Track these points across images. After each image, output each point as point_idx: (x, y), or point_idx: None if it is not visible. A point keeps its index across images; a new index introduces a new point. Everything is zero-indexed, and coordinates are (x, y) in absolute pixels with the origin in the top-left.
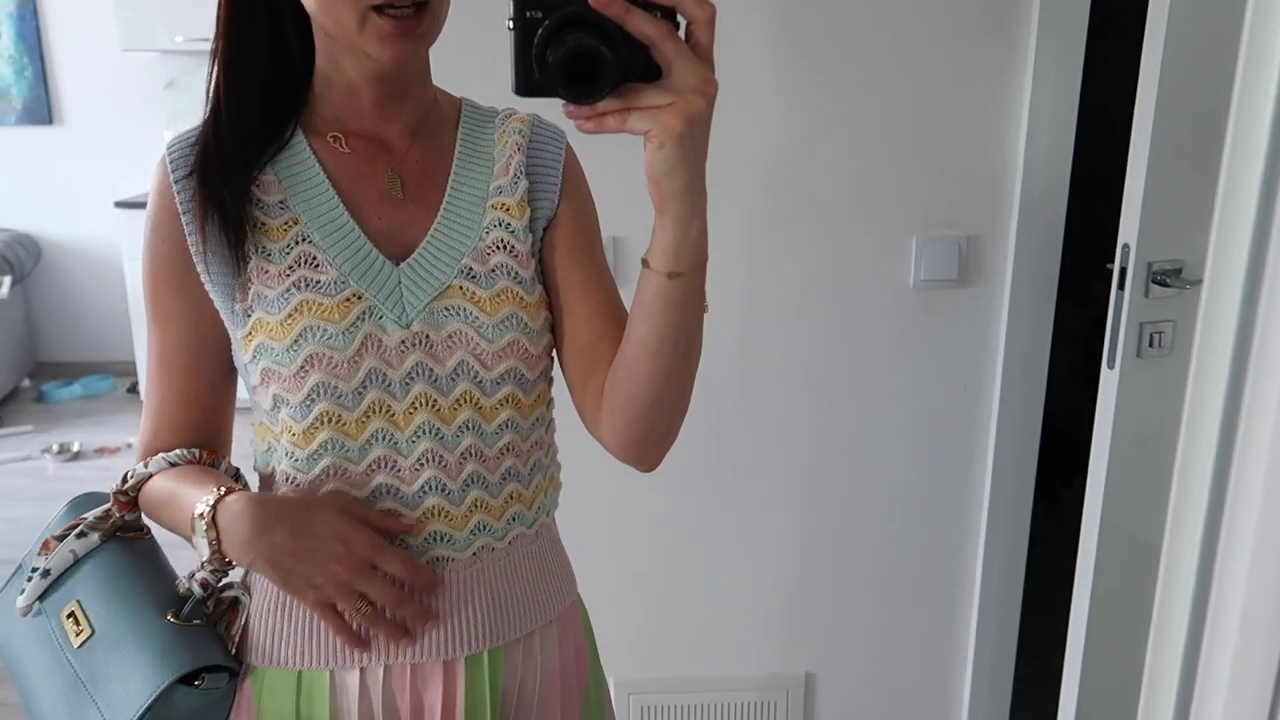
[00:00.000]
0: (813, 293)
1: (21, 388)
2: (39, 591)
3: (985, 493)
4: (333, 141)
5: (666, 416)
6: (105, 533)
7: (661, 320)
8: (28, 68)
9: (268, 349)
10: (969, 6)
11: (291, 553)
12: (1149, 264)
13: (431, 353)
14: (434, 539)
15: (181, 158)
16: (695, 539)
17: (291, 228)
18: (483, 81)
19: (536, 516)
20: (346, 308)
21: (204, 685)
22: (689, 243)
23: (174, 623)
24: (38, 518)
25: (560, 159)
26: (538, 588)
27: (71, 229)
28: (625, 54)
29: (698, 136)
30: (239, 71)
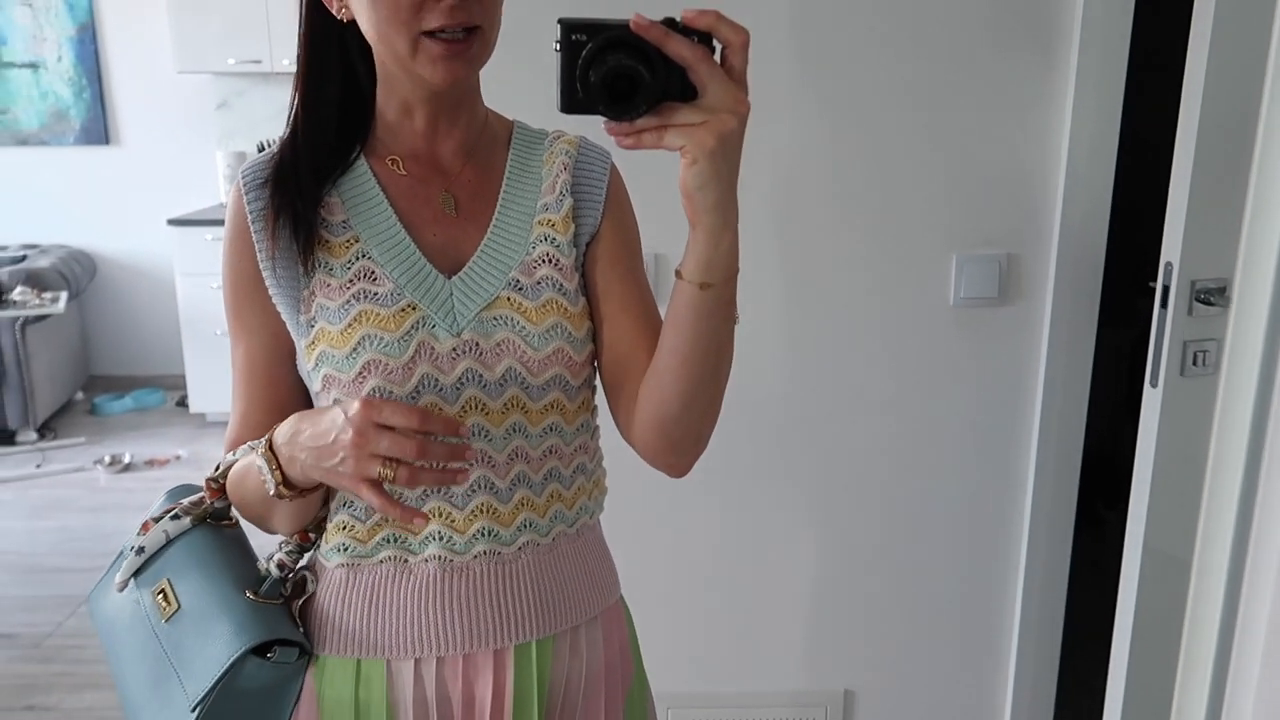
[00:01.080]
0: (854, 309)
1: (75, 400)
2: (134, 568)
3: (1026, 513)
4: (391, 164)
5: (697, 423)
6: (196, 517)
7: (694, 329)
8: (86, 89)
9: (329, 356)
10: (1011, 27)
11: (313, 445)
12: (1192, 282)
13: (481, 359)
14: (482, 534)
15: (254, 178)
16: (736, 554)
17: (353, 245)
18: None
19: (578, 516)
20: (401, 317)
21: (275, 658)
22: (720, 255)
23: (252, 599)
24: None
25: (605, 178)
26: (581, 583)
27: (126, 246)
28: (663, 75)
29: (730, 153)
30: (315, 98)
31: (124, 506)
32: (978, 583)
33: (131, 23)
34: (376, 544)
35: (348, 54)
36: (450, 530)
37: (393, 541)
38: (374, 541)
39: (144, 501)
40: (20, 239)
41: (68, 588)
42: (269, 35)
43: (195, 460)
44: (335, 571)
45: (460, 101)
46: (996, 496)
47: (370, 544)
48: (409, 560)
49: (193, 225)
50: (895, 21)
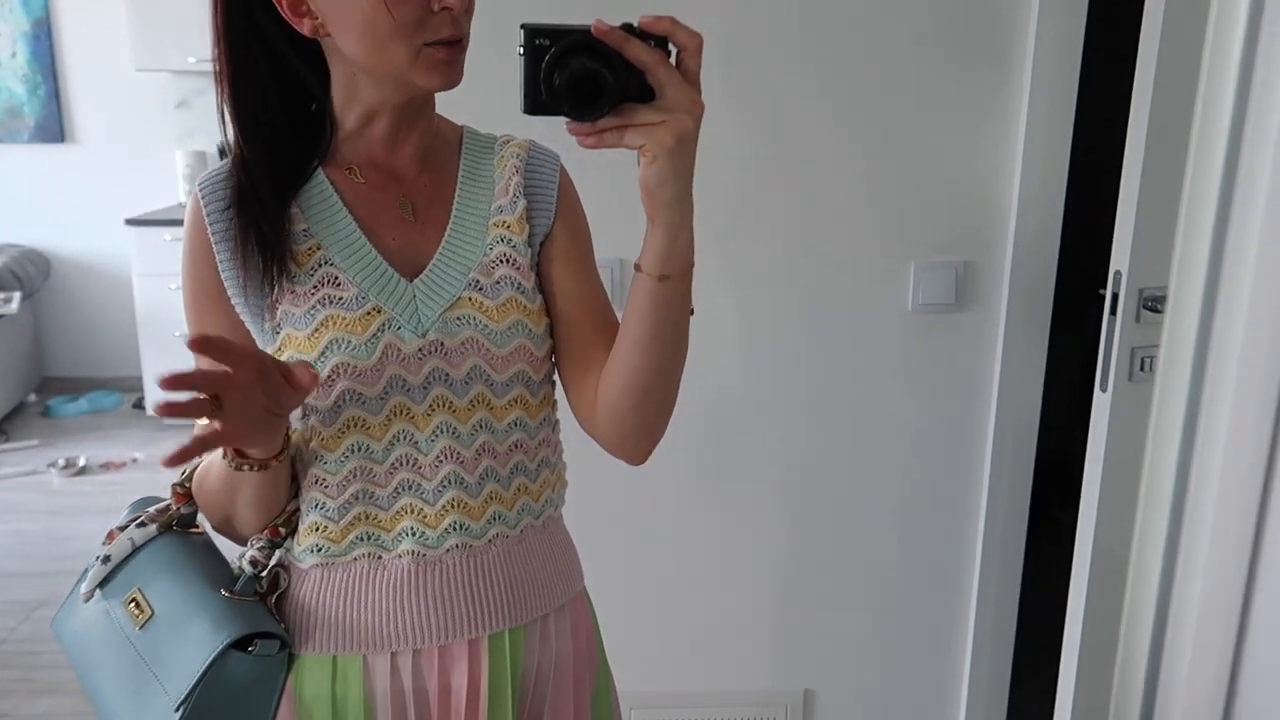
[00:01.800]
0: (815, 315)
1: (28, 402)
2: (100, 578)
3: (981, 515)
4: (349, 173)
5: (655, 411)
6: (162, 525)
7: (653, 320)
8: (41, 86)
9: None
10: (966, 40)
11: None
12: (1140, 290)
13: (447, 359)
14: (454, 528)
15: (213, 193)
16: (696, 555)
17: (315, 252)
18: (490, 106)
19: (543, 509)
20: (367, 320)
21: (257, 651)
22: (678, 248)
23: (228, 597)
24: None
25: (555, 179)
26: (549, 573)
27: (82, 245)
28: (623, 77)
29: (686, 151)
30: (253, 117)
31: (79, 510)
32: (934, 583)
33: (89, 19)
34: (350, 542)
35: (287, 70)
36: (423, 525)
37: (367, 539)
38: (348, 540)
39: (100, 505)
40: None
41: (21, 593)
42: None
43: (152, 463)
44: (310, 572)
45: (421, 109)
46: (953, 499)
47: (344, 543)
48: (383, 556)
49: (151, 225)
50: (855, 32)
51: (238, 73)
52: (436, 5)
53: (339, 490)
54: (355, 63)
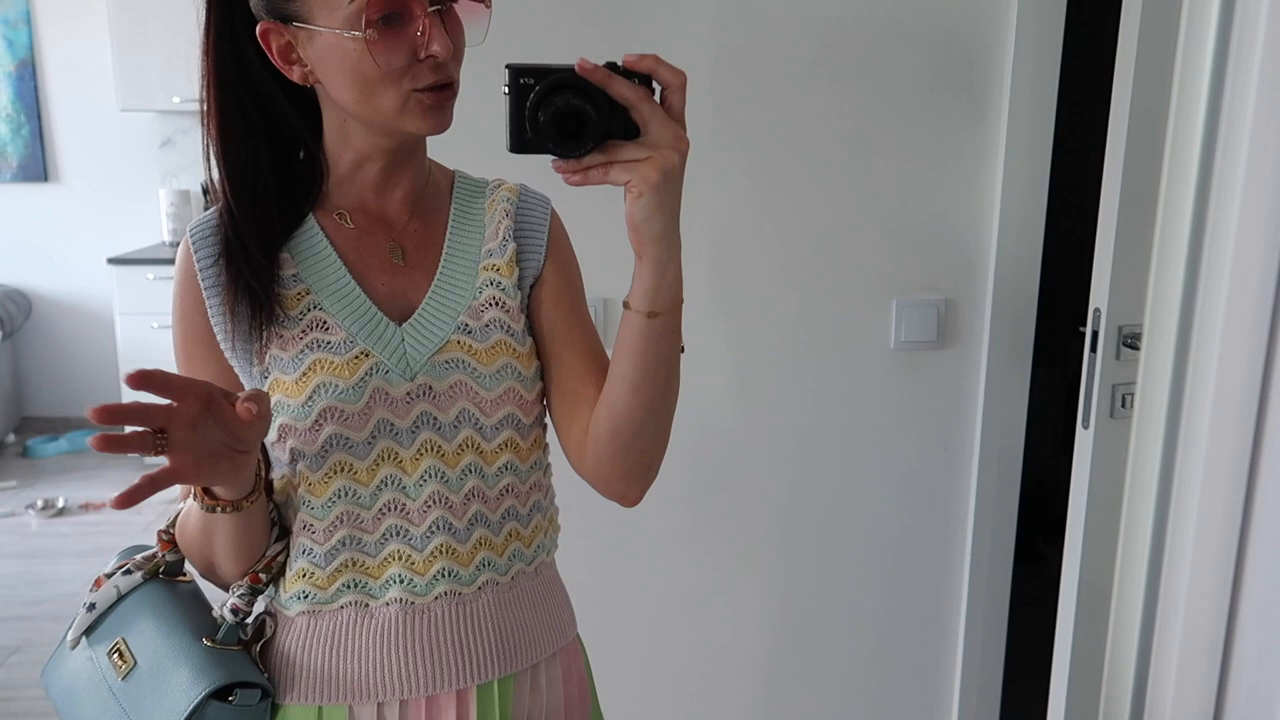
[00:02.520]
0: (797, 353)
1: (7, 442)
2: (85, 625)
3: (967, 551)
4: (338, 219)
5: (648, 450)
6: (148, 572)
7: (642, 357)
8: (25, 126)
9: (284, 405)
10: (945, 81)
11: None
12: (1119, 327)
13: (435, 402)
14: (442, 575)
15: (204, 242)
16: (684, 596)
17: (304, 297)
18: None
19: (535, 555)
20: (355, 364)
21: (237, 701)
22: (666, 284)
23: (210, 646)
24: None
25: (546, 222)
26: (541, 621)
27: (63, 284)
28: (607, 114)
29: (672, 187)
30: (240, 166)
31: (57, 552)
32: (921, 620)
33: (73, 60)
34: (337, 590)
35: (275, 118)
36: (411, 572)
37: (354, 587)
38: (334, 588)
39: (78, 547)
40: None
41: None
42: None
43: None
44: (297, 619)
45: (412, 154)
46: (938, 535)
47: (330, 590)
48: (370, 604)
49: (134, 264)
50: (835, 75)
51: (226, 119)
52: (423, 53)
53: (325, 536)
54: (345, 109)
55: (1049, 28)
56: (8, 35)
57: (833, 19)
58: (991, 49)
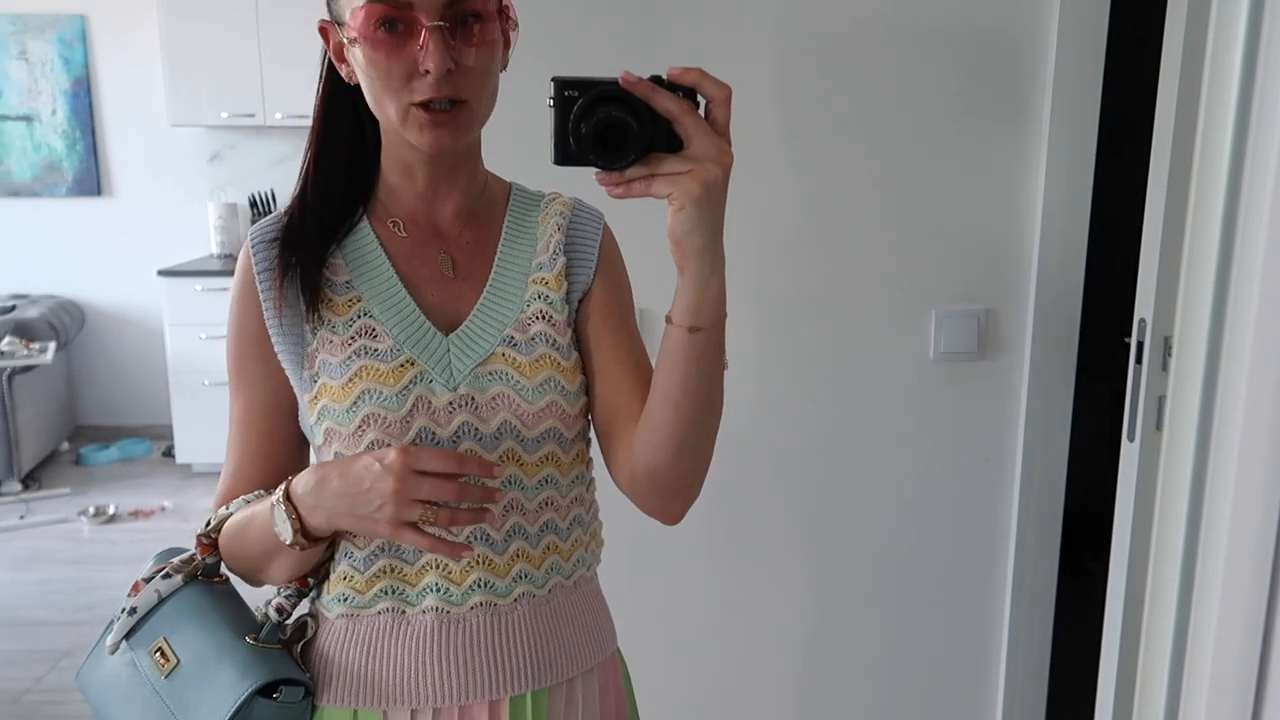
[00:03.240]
0: (835, 364)
1: (60, 450)
2: (126, 629)
3: (1010, 567)
4: (392, 227)
5: (689, 468)
6: (188, 575)
7: (684, 373)
8: (79, 142)
9: (330, 410)
10: (986, 89)
11: (344, 493)
12: (1165, 337)
13: (477, 413)
14: (478, 586)
15: (262, 236)
16: (724, 608)
17: (355, 304)
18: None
19: (574, 569)
20: (400, 372)
21: (282, 698)
22: (708, 299)
23: (253, 644)
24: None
25: (598, 237)
26: (578, 635)
27: (115, 296)
28: (650, 127)
29: (715, 201)
30: (327, 158)
31: (108, 559)
32: (962, 639)
33: (126, 77)
34: (374, 595)
35: (359, 116)
36: (447, 582)
37: (390, 593)
38: (372, 592)
39: (128, 553)
40: (10, 289)
41: (48, 641)
42: (261, 89)
43: (180, 511)
44: (336, 621)
45: (458, 165)
46: (979, 551)
47: (368, 595)
48: (406, 611)
49: (183, 276)
50: (876, 88)
51: (327, 113)
52: (421, 68)
53: (366, 541)
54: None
55: (1092, 31)
56: (64, 54)
57: (869, 25)
58: (1033, 52)
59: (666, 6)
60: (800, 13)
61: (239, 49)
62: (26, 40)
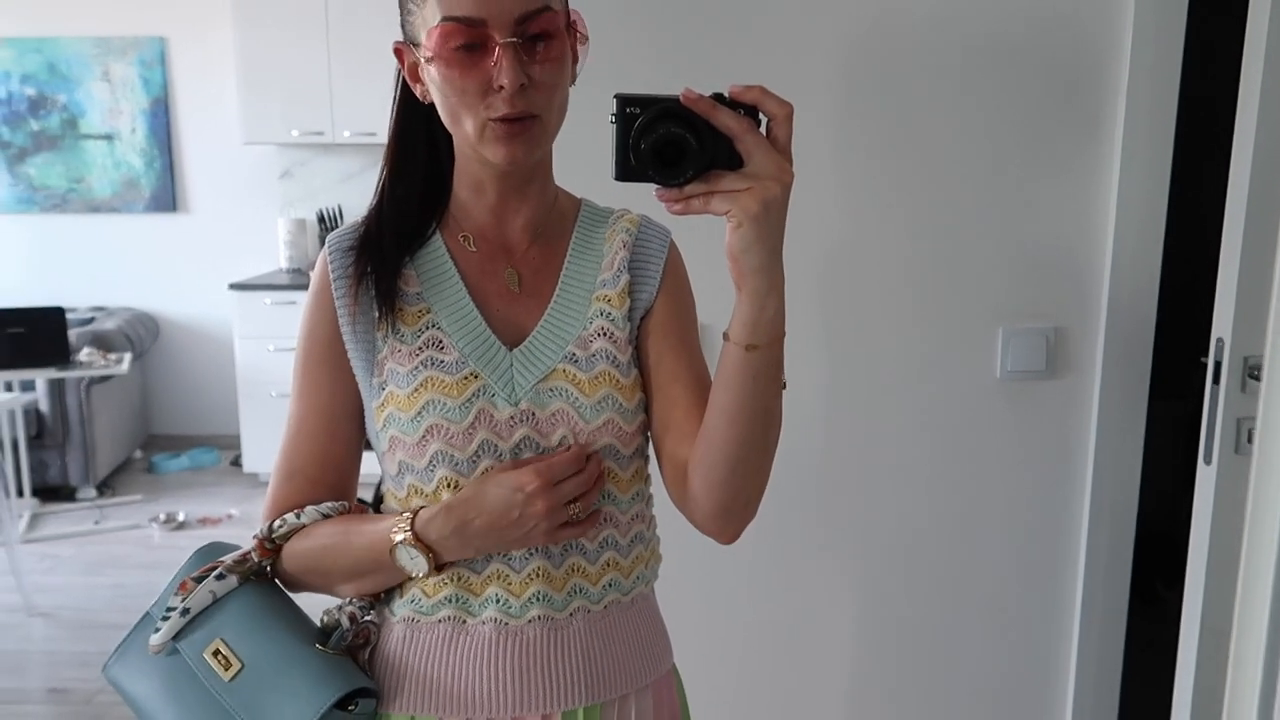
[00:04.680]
0: (899, 382)
1: (134, 458)
2: (176, 629)
3: (1079, 593)
4: (463, 241)
5: (745, 487)
6: (242, 575)
7: (741, 391)
8: (157, 159)
9: (395, 419)
10: (1056, 99)
11: (493, 528)
12: (1245, 358)
13: (537, 428)
14: (537, 599)
15: (340, 244)
16: (779, 629)
17: (425, 315)
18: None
19: (634, 586)
20: (464, 385)
21: (357, 710)
22: (765, 318)
23: (323, 651)
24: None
25: (663, 254)
26: (633, 652)
27: (188, 309)
28: (710, 144)
29: (774, 219)
30: (402, 172)
31: (177, 564)
32: (1029, 667)
33: (202, 97)
34: (439, 602)
35: (433, 133)
36: (508, 593)
37: (454, 601)
38: (438, 598)
39: None
40: (89, 301)
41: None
42: (331, 108)
43: (247, 519)
44: (396, 627)
45: (529, 181)
46: (1047, 576)
47: (434, 600)
48: (467, 621)
49: (253, 290)
50: (941, 97)
51: (401, 130)
52: (496, 84)
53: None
54: (450, 131)
55: (1168, 38)
56: (144, 74)
57: (929, 33)
58: (1106, 61)
59: (729, 24)
60: (858, 24)
61: (310, 69)
62: (109, 62)
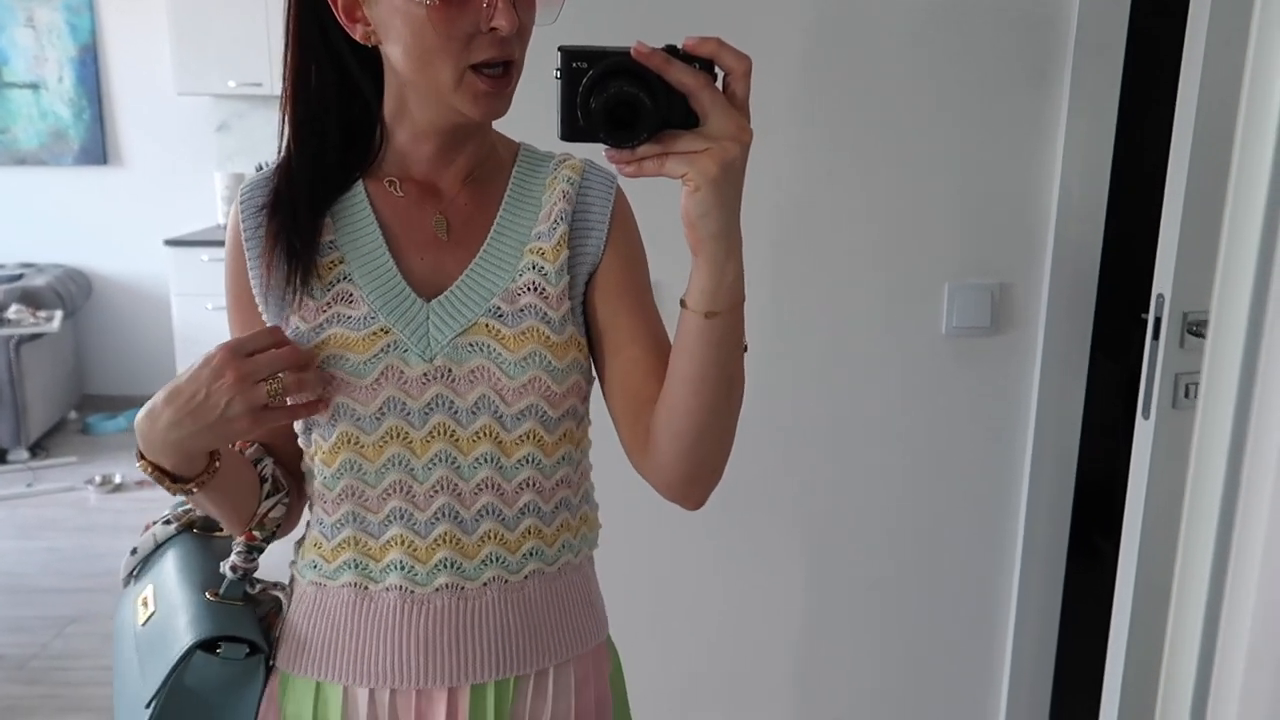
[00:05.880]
0: (844, 338)
1: (68, 419)
2: (130, 568)
3: (1019, 544)
4: (388, 186)
5: (711, 453)
6: (182, 524)
7: (702, 359)
8: (86, 110)
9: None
10: (1003, 55)
11: (184, 414)
12: (1184, 314)
13: (452, 386)
14: (445, 566)
15: (250, 204)
16: (719, 590)
17: (336, 266)
18: (530, 132)
19: (559, 554)
20: (372, 340)
21: (224, 653)
22: (725, 284)
23: (211, 599)
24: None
25: (608, 204)
26: (556, 624)
27: (122, 266)
28: (664, 102)
29: (732, 181)
30: (310, 128)
31: (114, 527)
32: (968, 620)
33: (133, 45)
34: (340, 566)
35: (348, 77)
36: (412, 559)
37: (355, 566)
38: (338, 562)
39: (134, 523)
40: (17, 258)
41: (55, 609)
42: (270, 58)
43: None
44: (306, 589)
45: (471, 130)
46: (988, 528)
47: (335, 564)
48: (370, 587)
49: (190, 246)
50: (888, 52)
51: (302, 76)
52: (485, 25)
53: (333, 508)
54: (403, 77)
55: None
56: (71, 20)
57: None
58: (1053, 15)
59: None
60: None
61: (246, 17)
62: (33, 7)
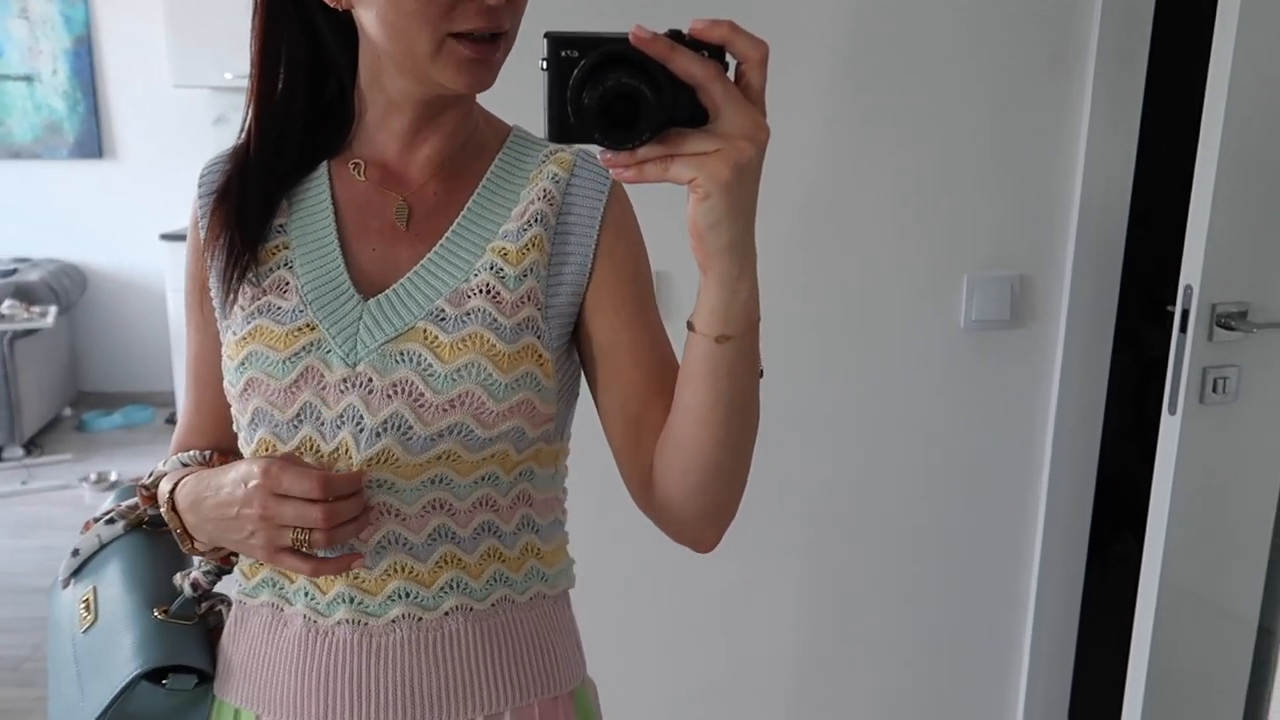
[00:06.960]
0: (862, 330)
1: (63, 416)
2: (70, 569)
3: (1037, 542)
4: (352, 169)
5: (723, 491)
6: (130, 523)
7: (711, 388)
8: (81, 103)
9: (228, 368)
10: (1027, 46)
11: (219, 517)
12: (1213, 306)
13: (367, 397)
14: (344, 600)
15: (209, 187)
16: (733, 583)
17: (279, 251)
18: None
19: (489, 591)
20: (294, 337)
21: (170, 684)
22: (738, 304)
23: (160, 618)
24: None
25: (598, 209)
26: (487, 672)
27: (117, 260)
28: (669, 96)
29: (747, 186)
30: (275, 108)
31: None
32: (985, 618)
33: (128, 37)
34: (258, 584)
35: (322, 50)
36: (314, 587)
37: (270, 586)
38: (256, 580)
39: None
40: (11, 252)
41: (48, 609)
42: None
43: None
44: (235, 609)
45: (447, 108)
46: (1006, 526)
47: (253, 582)
48: (284, 610)
49: (185, 240)
50: (910, 43)
51: (269, 48)
52: None
53: None
54: (377, 43)
55: None
56: (65, 12)
57: None
58: (1076, 5)
59: None
60: None
61: (242, 8)
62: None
